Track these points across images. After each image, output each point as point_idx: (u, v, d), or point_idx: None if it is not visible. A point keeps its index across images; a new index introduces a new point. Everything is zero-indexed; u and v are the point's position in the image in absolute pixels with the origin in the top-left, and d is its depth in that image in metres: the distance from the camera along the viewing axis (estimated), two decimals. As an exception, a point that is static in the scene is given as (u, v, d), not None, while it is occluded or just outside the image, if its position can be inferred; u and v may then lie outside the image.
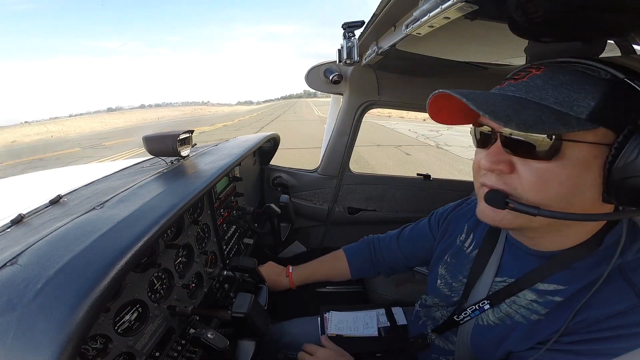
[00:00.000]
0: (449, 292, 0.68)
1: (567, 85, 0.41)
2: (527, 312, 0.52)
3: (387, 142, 10.02)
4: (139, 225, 0.57)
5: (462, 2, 0.40)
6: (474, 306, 0.59)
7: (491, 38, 0.69)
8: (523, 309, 0.53)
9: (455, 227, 0.74)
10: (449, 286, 0.69)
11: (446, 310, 0.70)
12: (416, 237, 0.87)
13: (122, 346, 0.59)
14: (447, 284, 0.69)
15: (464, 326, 0.62)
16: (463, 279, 0.65)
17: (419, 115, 17.66)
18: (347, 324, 0.92)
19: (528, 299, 0.52)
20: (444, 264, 0.71)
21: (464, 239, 0.69)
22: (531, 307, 0.52)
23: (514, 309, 0.54)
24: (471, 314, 0.59)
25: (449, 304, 0.69)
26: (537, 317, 0.51)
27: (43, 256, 0.50)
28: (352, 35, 1.06)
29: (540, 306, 0.51)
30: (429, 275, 0.77)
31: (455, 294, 0.67)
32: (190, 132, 1.06)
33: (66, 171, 2.06)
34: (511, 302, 0.54)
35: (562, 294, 0.49)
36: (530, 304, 0.52)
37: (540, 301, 0.51)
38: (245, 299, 0.76)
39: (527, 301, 0.52)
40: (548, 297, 0.50)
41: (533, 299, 0.52)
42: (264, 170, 1.65)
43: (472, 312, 0.59)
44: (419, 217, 1.60)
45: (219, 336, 0.65)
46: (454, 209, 0.79)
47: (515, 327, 0.53)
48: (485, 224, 0.65)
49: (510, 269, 0.57)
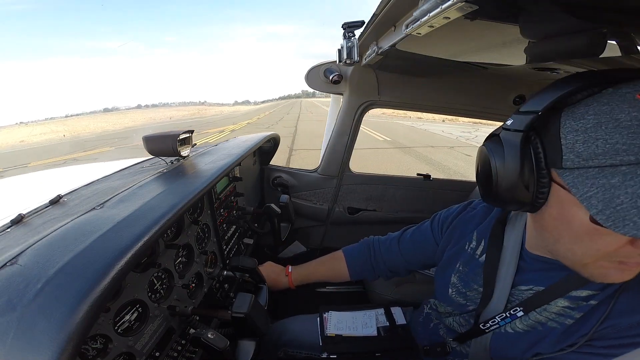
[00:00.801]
0: (464, 300, 0.67)
1: None
2: (561, 317, 0.51)
3: (432, 143, 9.88)
4: (139, 225, 0.57)
5: (462, 2, 0.40)
6: (503, 314, 0.57)
7: (491, 38, 0.69)
8: (555, 315, 0.52)
9: (463, 233, 0.72)
10: (464, 295, 0.67)
11: (461, 317, 0.69)
12: (418, 241, 0.85)
13: (122, 346, 0.59)
14: (461, 293, 0.68)
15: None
16: (479, 288, 0.64)
17: (436, 117, 17.59)
18: (346, 323, 0.92)
19: (560, 306, 0.51)
20: (457, 272, 0.69)
21: (475, 246, 0.67)
22: (564, 312, 0.51)
23: (544, 316, 0.53)
24: (500, 322, 0.57)
25: (463, 312, 0.68)
26: (572, 321, 0.50)
27: (43, 256, 0.50)
28: (352, 35, 1.06)
29: (574, 311, 0.50)
30: (438, 282, 0.75)
31: (472, 302, 0.65)
32: (190, 132, 1.06)
33: (66, 171, 2.06)
34: (542, 310, 0.53)
35: (596, 298, 0.48)
36: (563, 310, 0.51)
37: (574, 307, 0.50)
38: (246, 299, 0.76)
39: (560, 308, 0.51)
40: (582, 303, 0.49)
41: (566, 305, 0.51)
42: (264, 170, 1.65)
43: (501, 319, 0.57)
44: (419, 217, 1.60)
45: (219, 336, 0.65)
46: (458, 214, 0.77)
47: (549, 332, 0.52)
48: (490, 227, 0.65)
49: (535, 277, 0.56)
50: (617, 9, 0.37)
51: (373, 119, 18.21)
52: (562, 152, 0.38)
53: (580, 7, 0.39)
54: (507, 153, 0.42)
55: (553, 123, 0.39)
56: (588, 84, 0.38)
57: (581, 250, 0.41)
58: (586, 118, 0.36)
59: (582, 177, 0.36)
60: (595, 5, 0.37)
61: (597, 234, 0.38)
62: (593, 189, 0.35)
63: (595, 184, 0.35)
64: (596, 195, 0.35)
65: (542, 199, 0.42)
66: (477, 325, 0.61)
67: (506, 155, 0.42)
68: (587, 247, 0.40)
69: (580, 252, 0.42)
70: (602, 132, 0.35)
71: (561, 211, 0.41)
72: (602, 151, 0.35)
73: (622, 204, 0.33)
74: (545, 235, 0.47)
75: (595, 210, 0.35)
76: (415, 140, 9.98)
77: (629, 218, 0.32)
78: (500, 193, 0.44)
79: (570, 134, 0.37)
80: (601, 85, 0.37)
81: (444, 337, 0.73)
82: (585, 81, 0.38)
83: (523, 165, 0.41)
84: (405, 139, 10.64)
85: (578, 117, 0.37)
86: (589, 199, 0.35)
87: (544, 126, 0.41)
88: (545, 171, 0.40)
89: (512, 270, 0.58)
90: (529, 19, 0.48)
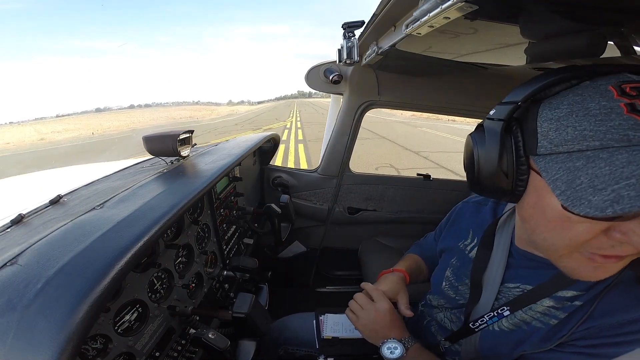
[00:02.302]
0: (454, 294, 0.68)
1: None
2: (546, 317, 0.52)
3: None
4: (139, 225, 0.57)
5: (462, 2, 0.40)
6: (491, 313, 0.58)
7: (491, 38, 0.69)
8: (540, 314, 0.52)
9: (459, 228, 0.74)
10: (455, 289, 0.68)
11: (451, 313, 0.70)
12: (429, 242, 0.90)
13: (122, 346, 0.59)
14: (453, 286, 0.69)
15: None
16: (469, 282, 0.65)
17: (450, 118, 17.32)
18: (343, 325, 0.91)
19: (545, 306, 0.52)
20: (450, 267, 0.71)
21: (469, 242, 0.69)
22: (549, 312, 0.51)
23: (530, 315, 0.53)
24: (488, 320, 0.58)
25: (454, 307, 0.69)
26: (556, 321, 0.51)
27: (43, 256, 0.50)
28: (352, 35, 1.06)
29: (559, 311, 0.50)
30: (434, 276, 0.77)
31: (461, 297, 0.67)
32: (191, 132, 1.06)
33: (66, 171, 2.06)
34: (527, 309, 0.54)
35: (581, 299, 0.49)
36: (548, 310, 0.51)
37: (559, 306, 0.51)
38: (246, 300, 0.76)
39: (545, 307, 0.52)
40: (567, 303, 0.50)
41: (551, 305, 0.51)
42: (264, 170, 1.65)
43: (489, 318, 0.58)
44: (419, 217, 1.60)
45: (219, 336, 0.65)
46: (455, 211, 0.80)
47: (534, 332, 0.53)
48: (486, 227, 0.66)
49: (524, 275, 0.56)
50: (615, 9, 0.37)
51: (420, 121, 17.78)
52: (537, 140, 0.40)
53: (579, 7, 0.40)
54: (488, 141, 0.44)
55: (532, 113, 0.41)
56: (569, 77, 0.39)
57: (554, 239, 0.42)
58: (560, 108, 0.38)
59: (553, 162, 0.38)
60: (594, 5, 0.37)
61: (569, 222, 0.38)
62: (560, 172, 0.36)
63: (562, 167, 0.36)
64: (561, 177, 0.36)
65: (522, 186, 0.43)
66: (467, 324, 0.62)
67: (487, 143, 0.44)
68: (559, 236, 0.41)
69: (553, 241, 0.42)
70: (572, 120, 0.36)
71: (537, 199, 0.42)
72: (571, 137, 0.36)
73: (582, 184, 0.34)
74: (526, 225, 0.48)
75: (559, 191, 0.36)
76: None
77: (585, 197, 0.33)
78: (482, 180, 0.46)
79: (546, 123, 0.39)
80: (581, 78, 0.39)
81: (436, 335, 0.73)
82: (566, 74, 0.39)
83: (502, 153, 0.43)
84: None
85: (554, 107, 0.39)
86: (555, 182, 0.37)
87: (524, 116, 0.42)
88: (523, 158, 0.42)
89: (501, 270, 0.59)
90: (529, 19, 0.48)
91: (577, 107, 0.36)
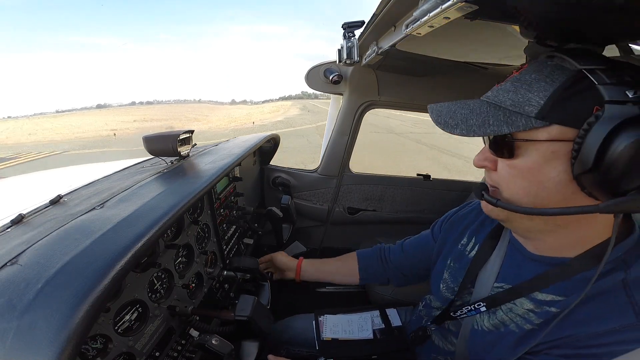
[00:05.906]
0: (451, 295, 0.68)
1: (527, 84, 0.42)
2: (522, 321, 0.52)
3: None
4: (139, 225, 0.57)
5: (462, 2, 0.40)
6: (469, 306, 0.59)
7: (491, 38, 0.69)
8: (519, 317, 0.52)
9: (458, 229, 0.74)
10: (452, 291, 0.69)
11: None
12: (420, 243, 0.88)
13: (122, 346, 0.59)
14: (450, 288, 0.69)
15: (464, 329, 0.62)
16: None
17: None
18: (342, 327, 0.92)
19: (525, 308, 0.52)
20: (448, 269, 0.71)
21: (466, 242, 0.69)
22: (527, 316, 0.51)
23: (509, 317, 0.53)
24: (467, 313, 0.59)
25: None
26: (531, 327, 0.50)
27: (43, 256, 0.50)
28: (352, 35, 1.06)
29: (536, 316, 0.50)
30: (433, 278, 0.77)
31: (458, 298, 0.67)
32: (191, 132, 1.06)
33: (66, 171, 2.06)
34: (508, 310, 0.54)
35: (558, 305, 0.48)
36: (527, 313, 0.51)
37: (537, 311, 0.50)
38: (248, 302, 0.76)
39: (524, 310, 0.52)
40: (545, 308, 0.49)
41: (530, 308, 0.51)
42: (264, 170, 1.65)
43: (467, 311, 0.59)
44: (419, 217, 1.59)
45: (222, 341, 0.65)
46: (456, 212, 0.79)
47: (506, 335, 0.53)
48: (487, 227, 0.67)
49: (509, 275, 0.57)
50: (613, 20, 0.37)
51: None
52: None
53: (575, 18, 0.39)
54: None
55: None
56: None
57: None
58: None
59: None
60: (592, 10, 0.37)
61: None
62: None
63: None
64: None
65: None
66: (449, 308, 0.65)
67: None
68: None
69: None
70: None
71: None
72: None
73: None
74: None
75: None
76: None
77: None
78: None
79: None
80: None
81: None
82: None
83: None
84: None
85: None
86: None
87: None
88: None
89: (496, 268, 0.59)
90: (528, 19, 0.48)
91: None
